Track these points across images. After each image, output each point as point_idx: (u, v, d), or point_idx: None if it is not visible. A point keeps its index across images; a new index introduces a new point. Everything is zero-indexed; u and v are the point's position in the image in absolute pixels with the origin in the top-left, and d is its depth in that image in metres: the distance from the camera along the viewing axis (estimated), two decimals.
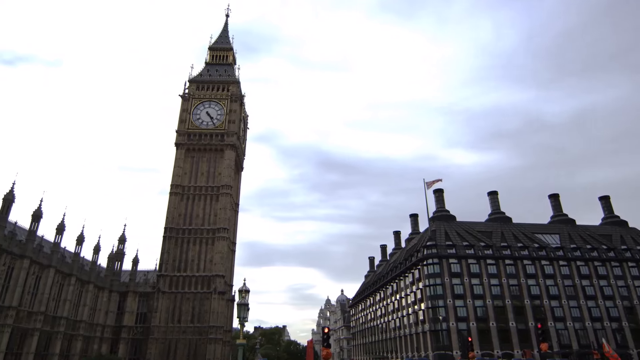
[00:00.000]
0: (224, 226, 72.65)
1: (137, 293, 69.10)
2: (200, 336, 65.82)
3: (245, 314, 21.52)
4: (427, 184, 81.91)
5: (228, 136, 79.41)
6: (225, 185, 75.53)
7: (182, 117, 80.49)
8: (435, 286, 70.17)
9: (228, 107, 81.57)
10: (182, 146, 77.91)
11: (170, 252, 70.61)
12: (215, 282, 68.83)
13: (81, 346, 58.05)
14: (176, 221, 72.64)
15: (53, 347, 52.25)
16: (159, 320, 66.03)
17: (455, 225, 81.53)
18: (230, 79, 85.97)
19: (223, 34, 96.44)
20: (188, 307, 67.85)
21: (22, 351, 47.07)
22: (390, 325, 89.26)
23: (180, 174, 75.89)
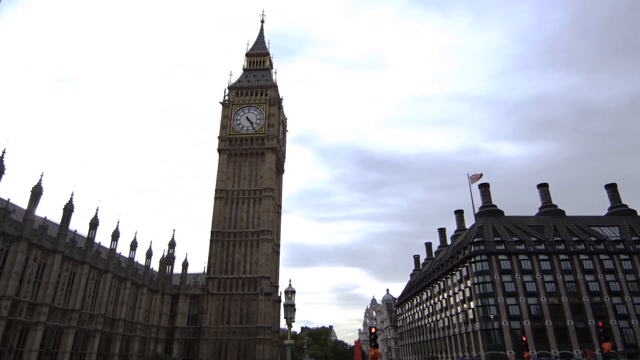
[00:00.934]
0: (267, 228, 73.85)
1: (188, 295, 71.64)
2: (249, 337, 67.23)
3: (292, 315, 21.73)
4: (471, 179, 79.52)
5: (268, 140, 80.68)
6: (267, 188, 76.77)
7: (223, 123, 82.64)
8: (485, 284, 67.88)
9: (267, 111, 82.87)
10: (225, 152, 79.98)
11: (218, 255, 72.69)
12: (262, 283, 70.09)
13: (138, 346, 60.93)
14: (222, 225, 74.66)
15: (113, 348, 55.19)
16: (209, 321, 68.16)
17: (504, 221, 78.50)
18: (268, 83, 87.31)
19: (259, 40, 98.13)
20: (236, 308, 69.53)
21: (86, 351, 50.04)
22: (439, 325, 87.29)
23: (223, 178, 77.95)
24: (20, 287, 40.66)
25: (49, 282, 43.94)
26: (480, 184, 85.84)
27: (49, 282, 43.94)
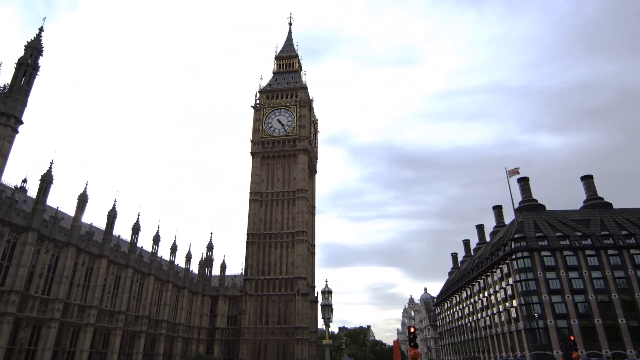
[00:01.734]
0: (302, 229, 74.29)
1: (227, 297, 73.17)
2: (287, 337, 67.83)
3: (329, 315, 21.67)
4: (509, 173, 76.96)
5: (300, 141, 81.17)
6: (301, 189, 77.24)
7: (255, 126, 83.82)
8: (528, 281, 65.52)
9: (298, 113, 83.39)
10: (258, 155, 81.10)
11: (254, 257, 73.78)
12: (298, 284, 70.57)
13: (181, 347, 62.78)
14: (257, 227, 75.74)
15: (158, 348, 57.13)
16: (248, 322, 69.30)
17: (546, 215, 75.49)
18: (297, 85, 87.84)
19: (287, 43, 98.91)
20: (274, 309, 70.33)
21: (132, 351, 52.04)
22: (480, 324, 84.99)
23: (257, 181, 79.07)
24: (71, 291, 42.77)
25: (97, 285, 46.02)
26: (519, 178, 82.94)
27: (97, 285, 46.02)
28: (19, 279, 35.90)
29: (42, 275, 39.42)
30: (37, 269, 38.92)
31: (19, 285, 35.82)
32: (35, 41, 38.70)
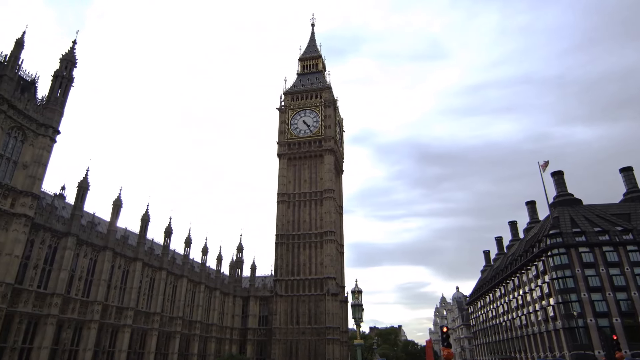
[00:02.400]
0: (330, 229, 74.33)
1: (258, 297, 74.07)
2: (318, 337, 67.99)
3: (360, 315, 21.61)
4: (542, 167, 74.54)
5: (325, 141, 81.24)
6: (328, 190, 77.30)
7: (281, 128, 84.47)
8: (565, 279, 63.23)
9: (323, 113, 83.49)
10: (284, 156, 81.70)
11: (283, 258, 74.36)
12: (327, 284, 70.64)
13: (215, 347, 63.98)
14: (285, 228, 76.30)
15: (192, 348, 58.44)
16: (279, 322, 69.89)
17: (583, 210, 72.66)
18: (322, 85, 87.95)
19: (311, 44, 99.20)
20: (304, 309, 70.65)
21: (168, 352, 53.42)
22: (516, 323, 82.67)
23: (284, 182, 79.67)
24: (109, 293, 44.29)
25: (133, 287, 47.49)
26: (553, 172, 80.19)
27: (133, 287, 47.49)
28: (60, 282, 37.47)
29: (81, 278, 40.99)
30: (77, 273, 40.49)
31: (60, 288, 37.37)
32: (69, 54, 40.25)
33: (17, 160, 34.61)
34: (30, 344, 34.93)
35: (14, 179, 33.96)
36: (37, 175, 35.24)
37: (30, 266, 35.43)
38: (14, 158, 34.40)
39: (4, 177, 33.22)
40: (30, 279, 35.21)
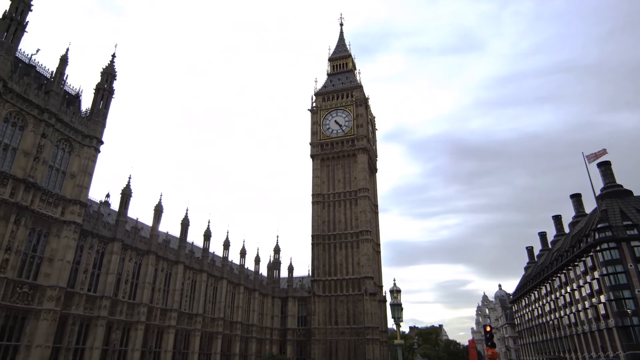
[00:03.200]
0: (366, 228, 73.91)
1: (296, 298, 74.68)
2: (357, 337, 67.75)
3: (399, 314, 21.35)
4: (588, 158, 71.05)
5: (358, 140, 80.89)
6: (362, 189, 76.91)
7: (313, 129, 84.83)
8: (616, 274, 59.96)
9: (354, 113, 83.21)
10: (317, 157, 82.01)
11: (320, 258, 74.61)
12: (365, 283, 70.26)
13: (255, 347, 65.02)
14: (321, 228, 76.54)
15: (234, 348, 59.64)
16: (317, 322, 70.17)
17: (634, 201, 68.59)
18: (352, 84, 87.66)
19: (340, 43, 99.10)
20: (343, 309, 70.59)
21: (211, 352, 54.79)
22: (564, 322, 79.22)
23: (318, 183, 79.97)
24: (153, 295, 45.91)
25: (175, 289, 49.02)
26: (599, 163, 76.15)
27: (175, 289, 49.02)
28: (108, 286, 39.21)
29: (127, 281, 42.69)
30: (123, 276, 42.22)
31: (108, 291, 39.10)
32: (110, 67, 42.07)
33: (65, 170, 36.50)
34: (83, 344, 36.73)
35: (63, 189, 35.84)
36: (84, 184, 37.03)
37: (81, 270, 37.25)
38: (62, 168, 36.31)
39: (54, 187, 35.12)
40: (81, 282, 37.01)
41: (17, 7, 33.10)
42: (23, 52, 36.05)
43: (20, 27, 32.99)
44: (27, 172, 32.42)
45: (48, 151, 34.68)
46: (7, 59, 31.77)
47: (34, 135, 33.64)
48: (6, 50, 31.70)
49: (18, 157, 32.38)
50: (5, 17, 32.32)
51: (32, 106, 33.81)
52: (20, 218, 31.41)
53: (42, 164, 33.93)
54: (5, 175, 30.96)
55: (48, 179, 34.71)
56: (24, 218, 31.74)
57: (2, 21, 32.11)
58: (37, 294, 32.32)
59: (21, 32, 33.09)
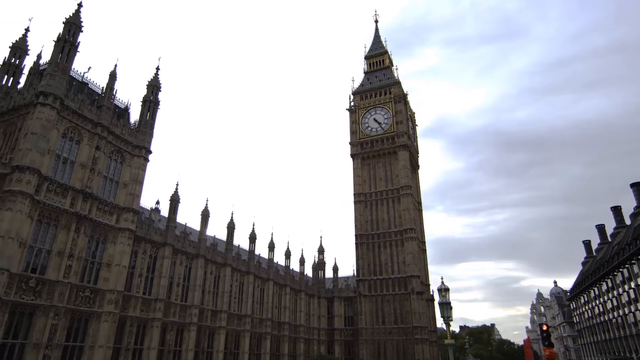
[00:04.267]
0: (410, 226, 72.79)
1: (342, 298, 74.73)
2: (405, 337, 66.79)
3: (448, 313, 20.85)
4: None
5: (398, 137, 79.83)
6: (405, 186, 75.80)
7: (352, 128, 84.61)
8: None
9: (393, 109, 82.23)
10: (357, 156, 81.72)
11: (364, 258, 74.25)
12: (412, 282, 69.18)
13: (304, 347, 65.66)
14: (364, 227, 76.17)
15: (282, 349, 60.55)
16: (364, 322, 69.83)
17: None
18: (390, 81, 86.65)
19: (375, 40, 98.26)
20: (389, 308, 69.86)
21: (260, 352, 55.91)
22: (628, 320, 74.15)
23: (360, 182, 79.65)
24: (203, 297, 47.49)
25: (224, 291, 50.47)
26: None
27: (224, 291, 50.47)
28: (161, 289, 41.00)
29: (179, 284, 44.43)
30: (175, 279, 43.98)
31: (162, 294, 40.88)
32: (154, 80, 44.03)
33: (118, 180, 38.58)
34: (141, 345, 38.60)
35: (117, 197, 37.91)
36: (136, 192, 39.00)
37: (136, 275, 39.19)
38: (115, 178, 38.40)
39: (109, 196, 37.21)
40: (137, 286, 38.93)
41: (70, 29, 35.36)
42: (76, 71, 38.44)
43: (73, 47, 35.24)
44: (84, 183, 34.58)
45: (102, 162, 36.81)
46: (63, 78, 34.03)
47: (89, 148, 35.83)
48: (62, 70, 33.96)
49: (76, 170, 34.59)
50: (60, 39, 34.65)
51: (87, 121, 36.02)
52: (80, 226, 33.52)
53: (97, 174, 36.07)
54: (65, 187, 33.15)
55: (103, 189, 36.82)
56: (83, 226, 33.85)
57: (57, 43, 34.46)
58: (98, 298, 34.32)
59: (74, 52, 35.34)
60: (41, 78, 34.66)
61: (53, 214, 32.15)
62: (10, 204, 28.76)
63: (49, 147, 32.43)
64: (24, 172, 29.86)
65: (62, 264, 31.80)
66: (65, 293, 31.43)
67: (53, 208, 31.99)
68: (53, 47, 34.40)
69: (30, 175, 30.15)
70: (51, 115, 32.54)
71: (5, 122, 34.69)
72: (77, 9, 36.42)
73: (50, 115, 32.49)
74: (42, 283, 30.44)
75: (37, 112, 31.94)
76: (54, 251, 31.74)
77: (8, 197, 28.98)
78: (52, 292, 30.80)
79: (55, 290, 30.97)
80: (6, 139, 34.17)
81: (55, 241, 31.97)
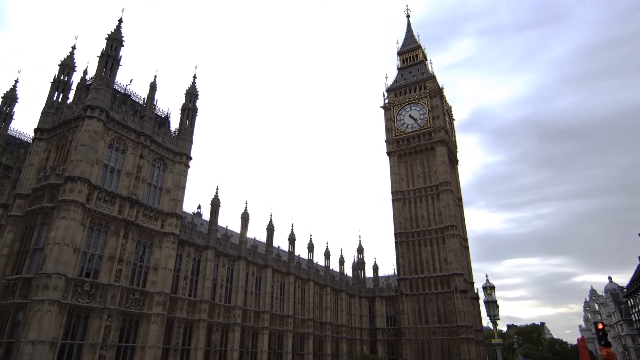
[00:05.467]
0: (451, 223, 71.13)
1: (383, 297, 74.05)
2: (450, 336, 65.32)
3: (495, 312, 20.18)
4: None
5: (435, 133, 78.26)
6: (444, 182, 74.19)
7: (388, 126, 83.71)
8: None
9: (429, 105, 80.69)
10: (394, 154, 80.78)
11: (405, 256, 73.25)
12: (454, 281, 67.56)
13: (346, 347, 65.59)
14: (403, 226, 75.16)
15: (325, 349, 60.73)
16: (407, 322, 68.88)
17: None
18: (425, 76, 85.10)
19: (408, 35, 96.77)
20: (432, 307, 68.54)
21: (304, 352, 56.36)
22: None
23: (397, 180, 78.69)
24: (246, 298, 48.43)
25: (266, 292, 51.27)
26: None
27: (266, 292, 51.27)
28: (206, 290, 42.19)
29: (222, 286, 45.55)
30: (218, 281, 45.14)
31: (206, 295, 42.07)
32: (192, 88, 45.43)
33: (161, 186, 40.08)
34: (188, 345, 39.88)
35: (161, 203, 39.40)
36: (178, 197, 40.39)
37: (181, 277, 40.54)
38: (158, 185, 39.92)
39: (153, 202, 38.73)
40: (182, 288, 40.26)
41: (112, 44, 37.14)
42: (119, 84, 40.27)
43: (116, 62, 36.99)
44: (130, 190, 36.18)
45: (146, 170, 38.37)
46: (107, 91, 35.79)
47: (134, 157, 37.46)
48: (106, 84, 35.72)
49: (122, 178, 36.26)
50: (103, 55, 36.46)
51: (130, 131, 37.68)
52: (127, 232, 35.11)
53: (142, 182, 37.64)
54: (113, 195, 34.82)
55: (148, 195, 38.37)
56: (131, 232, 35.42)
57: (101, 59, 36.27)
58: (147, 300, 35.78)
59: (116, 66, 37.09)
60: (88, 92, 36.57)
61: (103, 220, 33.84)
62: (64, 213, 30.54)
63: (97, 158, 34.18)
64: (75, 182, 31.62)
65: (112, 268, 33.41)
66: (116, 296, 32.99)
67: (103, 215, 33.68)
68: (97, 62, 36.27)
69: (82, 185, 31.88)
70: (98, 127, 34.28)
71: (57, 136, 36.86)
72: (117, 25, 38.20)
73: (97, 127, 34.22)
74: (95, 287, 32.10)
75: (85, 125, 33.74)
76: (105, 256, 33.40)
77: (62, 207, 30.78)
78: (104, 295, 32.41)
79: (108, 293, 32.57)
80: (59, 151, 36.31)
81: (106, 246, 33.64)
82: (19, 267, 32.10)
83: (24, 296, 29.68)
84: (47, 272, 28.78)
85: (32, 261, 31.43)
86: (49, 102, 38.51)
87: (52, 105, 38.50)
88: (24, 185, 35.09)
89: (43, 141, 36.96)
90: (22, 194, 34.70)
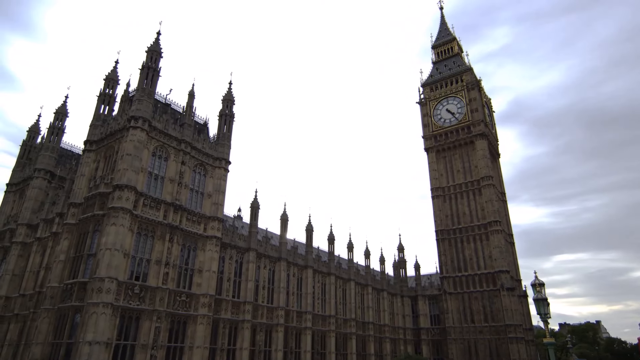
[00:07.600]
0: (494, 219, 68.88)
1: (426, 296, 72.71)
2: (498, 336, 63.25)
3: (546, 310, 19.27)
4: None
5: (474, 126, 76.06)
6: (485, 177, 71.97)
7: (424, 121, 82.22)
8: None
9: (467, 98, 78.54)
10: (432, 149, 79.24)
11: (447, 254, 71.66)
12: (500, 278, 65.35)
13: (390, 347, 64.90)
14: (444, 222, 73.56)
15: (368, 348, 60.38)
16: (452, 321, 67.33)
17: None
18: (461, 68, 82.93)
19: (442, 28, 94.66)
20: (478, 306, 66.63)
21: (347, 352, 56.26)
22: None
23: (436, 176, 77.13)
24: (288, 299, 48.96)
25: (307, 292, 51.61)
26: None
27: (307, 292, 51.61)
28: (248, 292, 43.03)
29: (264, 287, 46.29)
30: (260, 282, 45.90)
31: (249, 296, 42.89)
32: (228, 94, 46.50)
33: (202, 191, 41.28)
34: (233, 345, 40.81)
35: (203, 207, 40.57)
36: (219, 201, 41.45)
37: (225, 279, 41.55)
38: (200, 190, 41.14)
39: (195, 207, 39.96)
40: (226, 290, 41.26)
41: (152, 56, 38.66)
42: (159, 94, 41.82)
43: (156, 73, 38.49)
44: (174, 196, 37.50)
45: (188, 176, 39.65)
46: (149, 102, 37.28)
47: (176, 164, 38.81)
48: (147, 95, 37.23)
49: (166, 184, 37.64)
50: (144, 67, 38.03)
51: (172, 139, 39.08)
52: (173, 236, 36.41)
53: (184, 187, 38.92)
54: (158, 201, 36.21)
55: (190, 200, 39.62)
56: (176, 236, 36.70)
57: (142, 71, 37.84)
58: (193, 302, 36.94)
59: (157, 77, 38.58)
60: (131, 104, 38.24)
61: (149, 226, 35.26)
62: (114, 219, 32.11)
63: (142, 166, 35.67)
64: (123, 190, 33.16)
65: (160, 271, 34.75)
66: (165, 298, 34.28)
67: (149, 221, 35.09)
68: (139, 74, 37.88)
69: (129, 192, 33.39)
70: (142, 137, 35.77)
71: (105, 147, 38.80)
72: (156, 37, 39.71)
73: (141, 137, 35.72)
74: (144, 289, 33.49)
75: (130, 135, 35.31)
76: (153, 260, 34.78)
77: (112, 213, 32.37)
78: (153, 298, 33.75)
79: (156, 295, 33.90)
80: (107, 161, 38.21)
81: (153, 251, 35.03)
82: (75, 272, 34.03)
83: (80, 299, 31.47)
84: (101, 276, 30.35)
85: (86, 266, 33.22)
86: (96, 115, 40.59)
87: (99, 117, 40.54)
88: (77, 195, 37.15)
89: (92, 152, 39.00)
90: (75, 203, 36.77)
